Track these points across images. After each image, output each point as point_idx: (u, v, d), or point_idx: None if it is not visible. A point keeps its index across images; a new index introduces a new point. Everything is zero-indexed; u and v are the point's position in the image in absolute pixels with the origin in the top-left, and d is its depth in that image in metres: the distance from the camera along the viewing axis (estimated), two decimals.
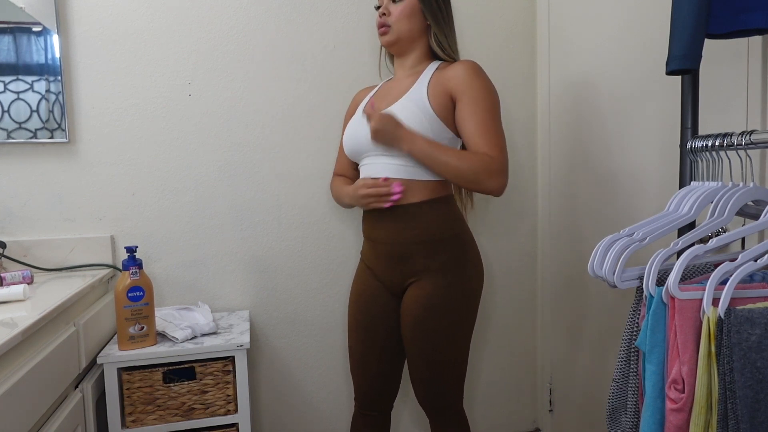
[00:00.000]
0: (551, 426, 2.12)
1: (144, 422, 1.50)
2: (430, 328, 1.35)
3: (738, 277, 0.84)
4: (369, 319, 1.46)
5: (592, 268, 1.02)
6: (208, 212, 1.85)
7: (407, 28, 1.39)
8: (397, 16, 1.39)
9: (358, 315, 1.48)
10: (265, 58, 1.86)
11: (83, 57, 1.73)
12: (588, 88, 1.79)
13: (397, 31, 1.40)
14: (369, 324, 1.46)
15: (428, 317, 1.35)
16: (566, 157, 1.94)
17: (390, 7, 1.40)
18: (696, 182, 1.10)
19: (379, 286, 1.45)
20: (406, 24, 1.39)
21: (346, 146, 1.48)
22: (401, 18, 1.39)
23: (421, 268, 1.36)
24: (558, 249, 2.02)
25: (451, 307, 1.35)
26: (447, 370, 1.38)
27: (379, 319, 1.45)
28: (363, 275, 1.49)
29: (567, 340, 1.99)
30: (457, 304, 1.36)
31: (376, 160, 1.39)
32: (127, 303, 1.48)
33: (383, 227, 1.39)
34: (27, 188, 1.72)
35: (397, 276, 1.40)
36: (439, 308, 1.34)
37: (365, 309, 1.46)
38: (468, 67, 1.35)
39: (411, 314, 1.37)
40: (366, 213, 1.46)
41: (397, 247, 1.38)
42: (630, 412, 1.00)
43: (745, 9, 1.03)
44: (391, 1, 1.41)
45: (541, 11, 2.04)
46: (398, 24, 1.39)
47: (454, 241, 1.37)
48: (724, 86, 1.25)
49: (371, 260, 1.46)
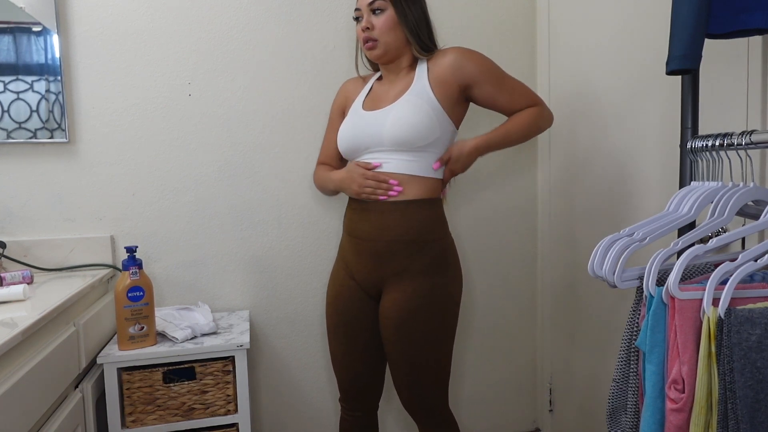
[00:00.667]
0: (551, 426, 2.12)
1: (144, 422, 1.50)
2: (412, 331, 1.34)
3: (738, 277, 0.84)
4: (347, 320, 1.45)
5: (592, 268, 1.02)
6: (208, 212, 1.85)
7: (393, 39, 1.38)
8: (381, 29, 1.37)
9: (336, 317, 1.47)
10: (265, 58, 1.86)
11: (83, 57, 1.73)
12: (588, 88, 1.79)
13: (384, 44, 1.38)
14: (347, 326, 1.45)
15: (409, 319, 1.34)
16: (566, 157, 1.94)
17: (372, 20, 1.37)
18: (696, 182, 1.10)
19: (355, 287, 1.43)
20: (392, 36, 1.37)
21: (343, 144, 1.46)
22: (386, 31, 1.37)
23: (401, 270, 1.35)
24: (558, 249, 2.01)
25: (434, 311, 1.35)
26: (430, 373, 1.37)
27: (357, 321, 1.44)
28: (340, 275, 1.47)
29: (567, 340, 1.99)
30: (439, 307, 1.35)
31: (379, 156, 1.38)
32: (127, 303, 1.48)
33: (368, 222, 1.38)
34: (27, 188, 1.72)
35: (376, 275, 1.38)
36: (422, 311, 1.34)
37: (343, 310, 1.45)
38: (463, 54, 1.38)
39: (391, 317, 1.35)
40: (351, 207, 1.45)
41: (380, 245, 1.36)
42: (630, 412, 1.00)
43: (745, 9, 1.03)
44: (372, 13, 1.37)
45: (541, 11, 2.03)
46: (384, 37, 1.37)
47: (438, 245, 1.38)
48: (724, 86, 1.25)
49: (350, 258, 1.43)
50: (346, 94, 1.56)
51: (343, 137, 1.46)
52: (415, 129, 1.33)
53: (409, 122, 1.33)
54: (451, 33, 1.93)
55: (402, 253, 1.35)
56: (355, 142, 1.42)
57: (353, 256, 1.42)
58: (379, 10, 1.37)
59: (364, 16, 1.39)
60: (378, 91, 1.48)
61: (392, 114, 1.35)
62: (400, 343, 1.35)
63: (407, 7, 1.37)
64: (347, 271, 1.45)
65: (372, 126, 1.38)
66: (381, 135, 1.36)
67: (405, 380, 1.38)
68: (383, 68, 1.47)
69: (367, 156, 1.41)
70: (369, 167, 1.38)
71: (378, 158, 1.38)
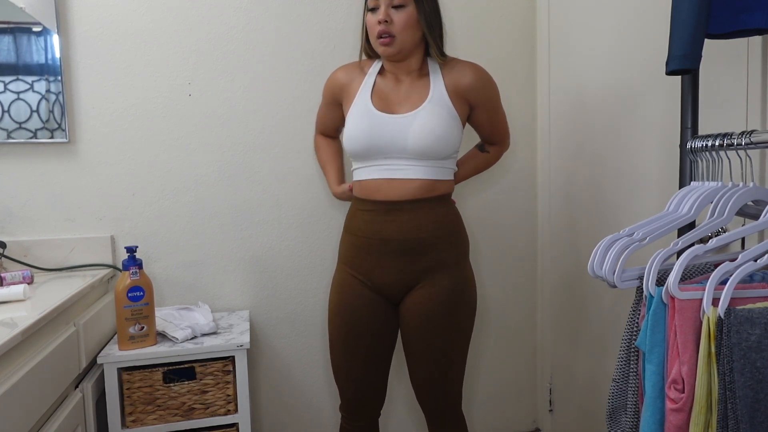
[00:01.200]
0: (551, 426, 2.12)
1: (144, 422, 1.50)
2: (443, 324, 1.35)
3: (738, 277, 0.84)
4: (356, 330, 1.40)
5: (592, 268, 1.02)
6: (208, 212, 1.85)
7: (410, 38, 1.33)
8: (401, 25, 1.30)
9: (344, 327, 1.41)
10: (265, 58, 1.86)
11: (83, 57, 1.73)
12: (588, 88, 1.79)
13: (401, 42, 1.32)
14: (355, 335, 1.40)
15: (443, 312, 1.34)
16: (566, 157, 1.94)
17: (392, 14, 1.30)
18: (696, 182, 1.10)
19: (368, 294, 1.39)
20: (410, 34, 1.32)
21: (357, 144, 1.35)
22: (406, 28, 1.31)
23: (434, 263, 1.35)
24: (558, 249, 2.01)
25: (462, 304, 1.37)
26: (453, 368, 1.39)
27: (366, 330, 1.40)
28: (346, 282, 1.41)
29: (567, 340, 1.99)
30: (466, 300, 1.38)
31: (399, 163, 1.34)
32: (127, 303, 1.48)
33: (395, 222, 1.34)
34: (27, 188, 1.72)
35: (405, 275, 1.35)
36: (453, 303, 1.35)
37: (351, 320, 1.40)
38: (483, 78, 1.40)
39: (422, 311, 1.35)
40: (368, 209, 1.37)
41: (412, 242, 1.34)
42: (630, 412, 1.00)
43: (745, 9, 1.03)
44: (392, 8, 1.31)
45: (541, 13, 2.03)
46: (402, 35, 1.31)
47: (462, 238, 1.42)
48: (724, 86, 1.25)
49: (366, 263, 1.38)
50: (341, 82, 1.46)
51: (357, 138, 1.35)
52: (442, 140, 1.32)
53: (436, 133, 1.31)
54: (452, 33, 1.91)
55: (435, 248, 1.35)
56: (373, 146, 1.34)
57: (371, 260, 1.37)
58: (401, 6, 1.30)
59: (381, 7, 1.31)
60: (384, 88, 1.40)
61: (418, 122, 1.31)
62: (428, 336, 1.35)
63: (428, 6, 1.34)
64: (356, 279, 1.40)
65: (394, 131, 1.33)
66: (405, 143, 1.32)
67: (428, 376, 1.38)
68: (389, 64, 1.40)
69: (384, 161, 1.35)
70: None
71: (397, 165, 1.34)
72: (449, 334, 1.36)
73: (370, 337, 1.41)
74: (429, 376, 1.38)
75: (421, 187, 1.34)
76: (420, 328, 1.36)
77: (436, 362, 1.37)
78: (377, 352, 1.43)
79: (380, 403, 1.50)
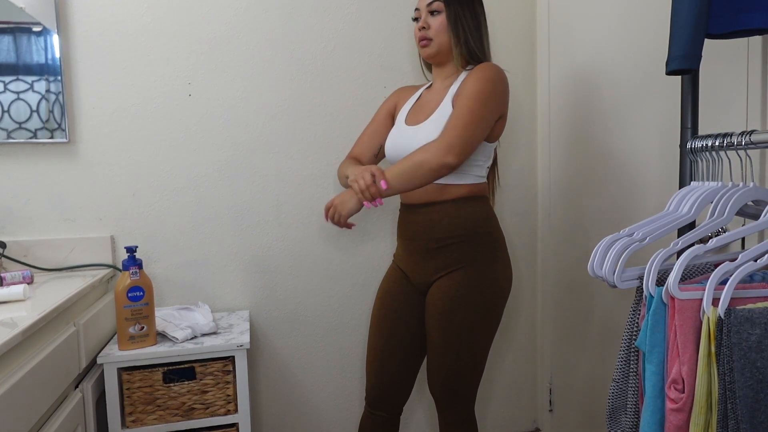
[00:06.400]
0: (551, 426, 2.12)
1: (144, 422, 1.50)
2: (457, 319, 1.38)
3: (738, 277, 0.84)
4: (393, 315, 1.50)
5: (592, 268, 1.02)
6: (208, 212, 1.85)
7: (446, 41, 1.42)
8: (436, 29, 1.41)
9: (382, 310, 1.52)
10: (265, 58, 1.86)
11: (83, 57, 1.73)
12: (588, 88, 1.79)
13: (438, 44, 1.42)
14: (392, 320, 1.50)
15: (455, 309, 1.38)
16: (566, 156, 1.94)
17: (429, 21, 1.42)
18: (696, 182, 1.10)
19: (406, 282, 1.49)
20: (444, 37, 1.42)
21: (388, 154, 1.50)
22: (440, 31, 1.41)
23: (451, 262, 1.39)
24: (558, 249, 2.02)
25: (479, 301, 1.38)
26: (466, 366, 1.40)
27: (403, 317, 1.49)
28: (392, 274, 1.54)
29: (567, 340, 1.99)
30: (483, 298, 1.39)
31: None
32: (127, 303, 1.48)
33: (416, 224, 1.44)
34: (27, 188, 1.71)
35: (427, 270, 1.43)
36: (467, 300, 1.38)
37: (390, 305, 1.50)
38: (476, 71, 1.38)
39: (438, 304, 1.40)
40: (400, 212, 1.51)
41: (430, 243, 1.42)
42: (630, 412, 1.00)
43: (745, 9, 1.03)
44: (430, 14, 1.42)
45: (541, 6, 2.03)
46: (439, 37, 1.42)
47: (487, 238, 1.42)
48: (724, 86, 1.25)
49: (403, 260, 1.50)
50: (397, 98, 1.60)
51: (388, 148, 1.51)
52: None
53: None
54: None
55: (451, 248, 1.40)
56: (396, 156, 1.46)
57: (406, 258, 1.49)
58: (437, 12, 1.42)
59: (422, 16, 1.44)
60: (423, 100, 1.51)
61: (421, 134, 1.39)
62: (443, 330, 1.39)
63: (460, 12, 1.41)
64: (399, 271, 1.52)
65: (404, 143, 1.43)
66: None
67: (440, 366, 1.41)
68: (435, 71, 1.51)
69: None
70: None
71: None
72: (459, 331, 1.38)
73: (404, 326, 1.49)
74: (440, 366, 1.41)
75: (431, 191, 1.40)
76: (436, 321, 1.41)
77: (449, 355, 1.40)
78: (408, 342, 1.50)
79: (403, 397, 1.54)
